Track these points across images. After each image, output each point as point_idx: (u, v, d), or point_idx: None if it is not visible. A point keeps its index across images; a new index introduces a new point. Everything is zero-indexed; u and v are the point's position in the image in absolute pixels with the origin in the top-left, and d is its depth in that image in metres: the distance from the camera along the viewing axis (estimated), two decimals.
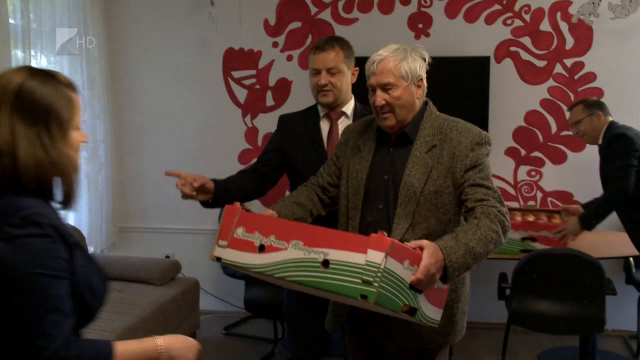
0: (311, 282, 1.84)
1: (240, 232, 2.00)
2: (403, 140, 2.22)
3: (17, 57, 3.73)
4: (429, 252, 1.82)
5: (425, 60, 2.22)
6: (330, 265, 1.80)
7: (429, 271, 1.80)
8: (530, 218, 3.86)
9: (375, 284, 1.71)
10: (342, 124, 2.85)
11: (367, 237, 1.77)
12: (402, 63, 2.14)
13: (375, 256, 1.74)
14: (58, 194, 1.53)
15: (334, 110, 2.85)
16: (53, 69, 1.56)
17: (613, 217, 3.65)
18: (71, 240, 1.49)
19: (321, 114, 2.87)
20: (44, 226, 1.43)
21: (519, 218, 3.81)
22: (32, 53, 3.86)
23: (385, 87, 2.16)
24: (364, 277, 1.74)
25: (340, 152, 2.38)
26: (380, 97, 2.17)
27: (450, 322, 2.20)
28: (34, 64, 3.87)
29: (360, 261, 1.76)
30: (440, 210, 2.14)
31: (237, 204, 2.06)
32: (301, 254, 1.86)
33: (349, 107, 2.86)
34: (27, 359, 1.41)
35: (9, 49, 3.58)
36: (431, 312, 1.92)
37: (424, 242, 1.85)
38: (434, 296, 1.92)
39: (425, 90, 2.26)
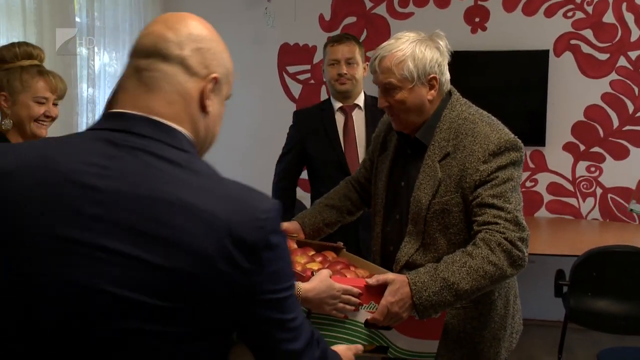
0: None
1: None
2: (420, 144, 1.95)
3: (82, 53, 3.88)
4: (391, 290, 1.67)
5: (441, 52, 1.90)
6: None
7: (390, 311, 1.67)
8: None
9: None
10: (356, 115, 3.08)
11: (302, 277, 1.67)
12: (407, 60, 1.84)
13: None
14: None
15: (347, 102, 3.04)
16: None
17: None
18: None
19: (335, 107, 3.03)
20: None
21: None
22: (96, 50, 4.01)
23: (386, 88, 1.89)
24: None
25: (374, 145, 2.20)
26: (382, 99, 1.92)
27: (471, 353, 1.95)
28: (97, 60, 4.03)
29: None
30: (450, 231, 1.89)
31: None
32: None
33: (361, 99, 3.07)
34: None
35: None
36: (416, 345, 1.77)
37: (389, 277, 1.70)
38: (419, 328, 1.75)
39: (446, 86, 1.94)
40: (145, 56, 1.10)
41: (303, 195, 4.69)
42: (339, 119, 3.05)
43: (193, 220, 0.98)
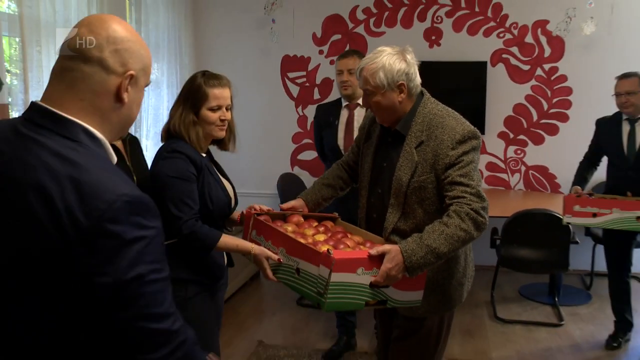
0: (291, 285, 1.74)
1: (254, 234, 1.93)
2: (399, 134, 1.92)
3: None
4: (389, 258, 1.65)
5: (408, 63, 1.85)
6: (301, 273, 1.69)
7: (388, 274, 1.65)
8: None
9: (325, 296, 1.59)
10: (357, 112, 3.06)
11: (319, 254, 1.63)
12: (379, 72, 1.82)
13: (324, 271, 1.60)
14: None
15: (352, 102, 3.08)
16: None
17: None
18: (200, 164, 1.87)
19: (343, 104, 3.10)
20: (181, 153, 1.85)
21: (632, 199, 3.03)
22: None
23: (365, 93, 1.89)
24: (318, 288, 1.62)
25: (360, 134, 2.14)
26: (364, 101, 1.92)
27: (442, 297, 1.95)
28: None
29: (316, 273, 1.63)
30: (425, 203, 1.86)
31: (253, 210, 1.99)
32: (285, 260, 1.76)
33: (362, 99, 3.06)
34: (173, 226, 1.82)
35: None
36: (407, 296, 1.75)
37: (386, 248, 1.67)
38: (408, 283, 1.73)
39: (415, 89, 1.89)
40: (70, 58, 1.03)
41: (311, 179, 4.77)
42: (345, 113, 3.07)
43: (44, 204, 0.92)
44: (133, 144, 2.50)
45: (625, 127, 3.18)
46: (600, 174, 3.46)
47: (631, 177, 3.12)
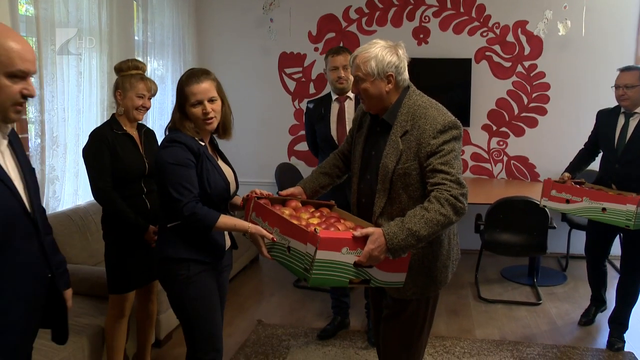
0: (282, 262, 1.76)
1: (253, 215, 1.94)
2: (386, 123, 1.90)
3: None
4: (372, 239, 1.65)
5: (399, 57, 1.85)
6: (291, 251, 1.71)
7: (371, 255, 1.64)
8: None
9: (311, 271, 1.60)
10: (348, 104, 3.05)
11: (307, 233, 1.63)
12: (371, 61, 1.82)
13: (310, 249, 1.61)
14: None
15: (342, 95, 3.06)
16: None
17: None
18: (197, 152, 1.90)
19: (333, 98, 3.09)
20: (179, 142, 1.87)
21: (634, 194, 2.81)
22: (149, 59, 4.06)
23: (356, 79, 1.88)
24: (304, 264, 1.63)
25: (353, 126, 2.12)
26: (354, 87, 1.91)
27: (428, 279, 1.93)
28: (149, 67, 4.04)
29: (303, 251, 1.64)
30: (410, 189, 1.84)
31: (254, 194, 2.00)
32: (278, 239, 1.78)
33: (352, 92, 3.04)
34: (174, 209, 1.85)
35: (133, 56, 3.76)
36: (390, 277, 1.74)
37: (369, 230, 1.67)
38: (392, 265, 1.72)
39: (403, 82, 1.88)
40: None
41: (306, 169, 4.77)
42: (336, 106, 3.06)
43: None
44: (148, 135, 2.61)
45: (621, 120, 3.01)
46: (597, 163, 3.30)
47: (617, 170, 2.98)
